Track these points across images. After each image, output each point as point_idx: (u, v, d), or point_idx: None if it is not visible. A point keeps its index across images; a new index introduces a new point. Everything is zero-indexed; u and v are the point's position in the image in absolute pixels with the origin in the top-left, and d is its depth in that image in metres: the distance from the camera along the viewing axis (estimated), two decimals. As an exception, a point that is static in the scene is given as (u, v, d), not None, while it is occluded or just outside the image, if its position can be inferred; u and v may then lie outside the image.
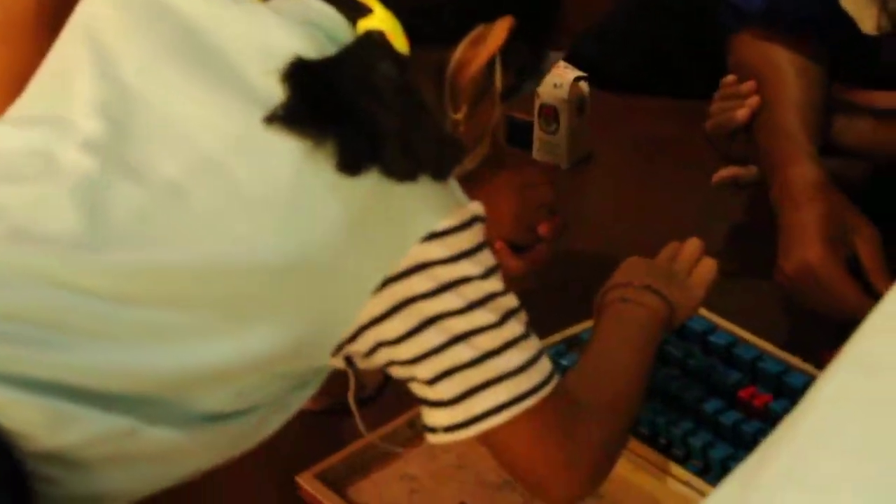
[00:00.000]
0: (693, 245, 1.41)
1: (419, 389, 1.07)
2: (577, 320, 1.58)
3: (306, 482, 1.37)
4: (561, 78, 2.02)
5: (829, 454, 0.75)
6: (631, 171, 2.09)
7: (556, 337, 1.55)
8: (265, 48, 1.01)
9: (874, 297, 1.47)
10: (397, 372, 1.07)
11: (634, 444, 1.39)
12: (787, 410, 1.37)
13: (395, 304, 1.01)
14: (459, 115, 1.11)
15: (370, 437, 1.35)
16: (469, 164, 1.19)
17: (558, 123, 2.04)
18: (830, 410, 0.79)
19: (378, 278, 1.00)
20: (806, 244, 1.52)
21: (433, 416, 1.08)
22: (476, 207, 1.04)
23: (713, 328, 1.52)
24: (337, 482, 1.38)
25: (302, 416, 1.49)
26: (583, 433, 1.13)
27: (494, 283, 1.06)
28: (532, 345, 1.09)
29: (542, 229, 1.51)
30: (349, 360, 1.07)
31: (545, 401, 1.09)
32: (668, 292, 1.33)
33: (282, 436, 1.48)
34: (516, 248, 1.53)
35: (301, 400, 1.12)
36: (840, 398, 0.80)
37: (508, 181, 1.54)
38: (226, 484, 1.40)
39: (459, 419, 1.07)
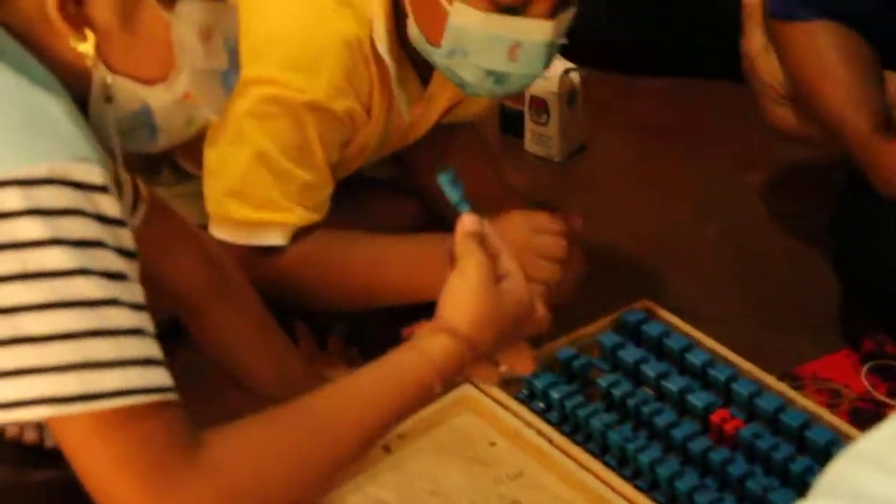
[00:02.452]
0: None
1: None
2: (575, 319, 1.59)
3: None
4: (550, 69, 2.00)
5: None
6: (625, 163, 2.07)
7: (562, 340, 1.55)
8: None
9: None
10: None
11: (601, 470, 1.39)
12: (756, 436, 1.39)
13: None
14: (88, 46, 1.03)
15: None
16: (177, 85, 1.10)
17: (549, 115, 2.03)
18: None
19: None
20: None
21: None
22: (76, 169, 0.94)
23: (691, 346, 1.52)
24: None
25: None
26: (175, 486, 0.98)
27: (67, 258, 0.93)
28: (106, 348, 0.95)
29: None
30: None
31: (117, 420, 0.95)
32: (490, 353, 1.16)
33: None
34: None
35: None
36: None
37: (518, 222, 1.50)
38: None
39: None
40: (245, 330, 1.46)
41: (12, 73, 0.99)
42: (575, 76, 2.03)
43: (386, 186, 1.78)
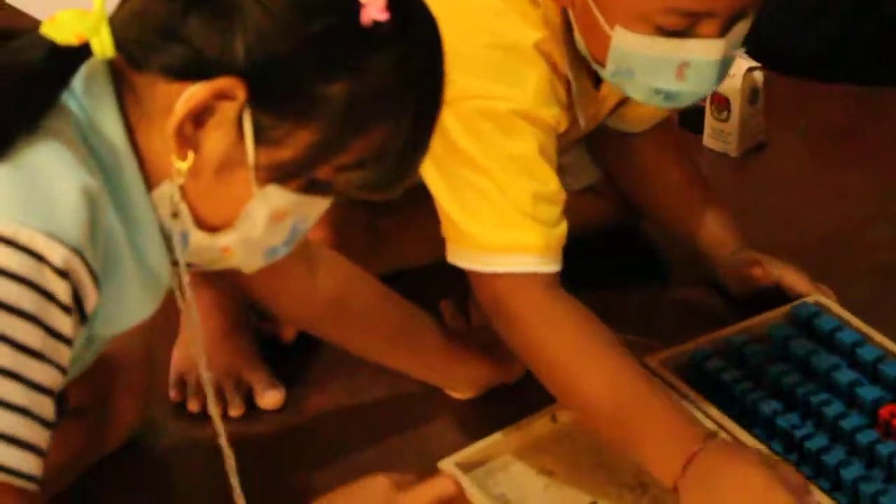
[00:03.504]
0: None
1: None
2: (748, 311, 1.62)
3: (447, 469, 1.41)
4: (734, 67, 2.01)
5: None
6: (802, 165, 2.07)
7: (702, 339, 1.57)
8: None
9: None
10: None
11: (768, 454, 1.40)
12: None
13: None
14: (184, 165, 1.07)
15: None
16: (224, 238, 1.14)
17: (729, 112, 2.04)
18: None
19: None
20: None
21: None
22: (41, 242, 1.00)
23: (863, 341, 1.53)
24: (475, 470, 1.43)
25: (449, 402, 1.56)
26: None
27: None
28: None
29: None
30: None
31: None
32: None
33: (426, 420, 1.56)
34: None
35: None
36: None
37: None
38: (375, 462, 1.47)
39: None
40: (374, 344, 1.50)
41: (52, 148, 1.03)
42: (758, 75, 2.04)
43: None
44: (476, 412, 1.55)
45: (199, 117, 1.06)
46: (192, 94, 1.04)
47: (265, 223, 1.12)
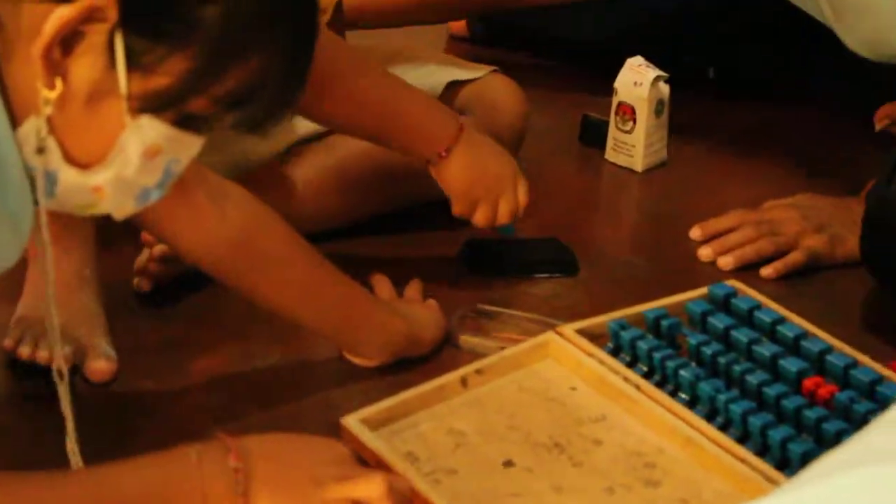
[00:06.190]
0: None
1: None
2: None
3: (350, 425, 1.32)
4: (641, 76, 1.98)
5: None
6: (705, 176, 2.03)
7: (616, 313, 1.50)
8: None
9: None
10: None
11: (691, 416, 1.34)
12: (853, 401, 1.33)
13: None
14: (52, 94, 1.01)
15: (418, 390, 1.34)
16: (96, 176, 1.07)
17: (635, 122, 2.00)
18: None
19: None
20: None
21: None
22: None
23: (782, 319, 1.47)
24: (381, 429, 1.33)
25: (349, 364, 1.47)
26: None
27: None
28: None
29: None
30: None
31: None
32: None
33: (327, 380, 1.46)
34: None
35: None
36: None
37: None
38: (267, 427, 1.36)
39: None
40: (279, 292, 1.42)
41: None
42: (664, 86, 2.00)
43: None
44: (381, 381, 1.46)
45: (68, 42, 1.00)
46: (61, 14, 0.98)
47: (137, 159, 1.06)
